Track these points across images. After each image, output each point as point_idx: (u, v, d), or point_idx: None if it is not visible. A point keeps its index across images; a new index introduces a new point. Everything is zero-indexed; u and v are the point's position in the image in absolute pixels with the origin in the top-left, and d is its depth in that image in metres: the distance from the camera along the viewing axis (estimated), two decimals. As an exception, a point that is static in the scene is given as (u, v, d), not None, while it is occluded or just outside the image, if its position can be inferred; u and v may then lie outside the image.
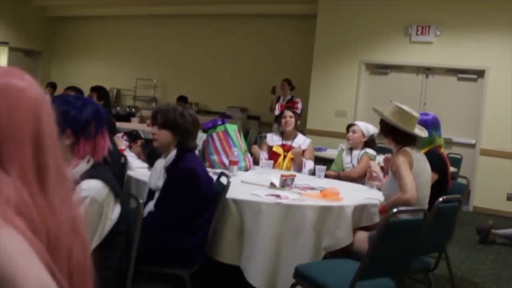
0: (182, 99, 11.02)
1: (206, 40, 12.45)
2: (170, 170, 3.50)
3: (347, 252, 3.92)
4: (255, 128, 11.00)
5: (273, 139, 5.83)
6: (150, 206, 3.53)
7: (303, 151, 5.63)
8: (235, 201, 3.76)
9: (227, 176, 3.79)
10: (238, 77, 11.98)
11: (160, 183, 3.55)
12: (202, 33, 12.55)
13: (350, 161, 5.56)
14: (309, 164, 5.57)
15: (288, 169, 5.52)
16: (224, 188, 3.64)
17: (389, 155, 4.45)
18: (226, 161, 4.93)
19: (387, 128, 3.97)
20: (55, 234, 1.34)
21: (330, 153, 7.29)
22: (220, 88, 12.12)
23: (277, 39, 11.73)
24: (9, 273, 1.10)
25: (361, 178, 5.21)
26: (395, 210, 3.09)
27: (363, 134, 5.57)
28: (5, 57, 13.36)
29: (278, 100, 10.22)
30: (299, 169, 5.51)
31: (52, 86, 12.09)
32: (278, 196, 3.94)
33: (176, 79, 12.69)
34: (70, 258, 1.37)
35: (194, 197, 3.44)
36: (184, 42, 12.69)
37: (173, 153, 3.53)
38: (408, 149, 3.89)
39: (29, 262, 1.13)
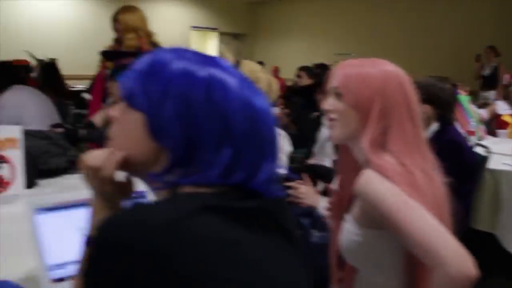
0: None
1: (402, 9, 12.36)
2: (433, 142, 3.68)
3: None
4: (457, 98, 10.82)
5: (503, 108, 5.81)
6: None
7: (533, 121, 5.55)
8: (490, 170, 3.88)
9: (485, 147, 3.92)
10: (437, 45, 11.75)
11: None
12: (397, 2, 12.52)
13: None
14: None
15: (517, 139, 5.46)
16: (482, 158, 3.77)
17: None
18: (461, 132, 5.01)
19: None
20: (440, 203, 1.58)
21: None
22: (419, 57, 11.96)
23: (478, 3, 11.33)
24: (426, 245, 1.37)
25: None
26: None
27: None
28: (216, 41, 14.97)
29: (482, 68, 9.99)
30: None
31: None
32: (530, 165, 3.99)
33: (373, 50, 12.65)
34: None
35: (459, 166, 3.60)
36: (378, 13, 12.73)
37: (434, 126, 3.70)
38: None
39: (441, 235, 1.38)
